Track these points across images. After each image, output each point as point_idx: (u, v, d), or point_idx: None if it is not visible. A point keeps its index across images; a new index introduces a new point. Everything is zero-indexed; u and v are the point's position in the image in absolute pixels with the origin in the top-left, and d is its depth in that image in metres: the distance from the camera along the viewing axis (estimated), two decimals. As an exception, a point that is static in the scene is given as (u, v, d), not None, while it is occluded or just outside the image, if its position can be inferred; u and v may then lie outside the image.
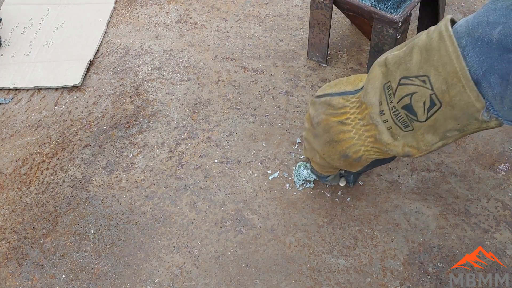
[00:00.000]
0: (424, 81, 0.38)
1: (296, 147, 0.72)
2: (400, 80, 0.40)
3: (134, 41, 0.92)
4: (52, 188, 0.71)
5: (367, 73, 0.49)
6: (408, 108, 0.40)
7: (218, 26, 0.93)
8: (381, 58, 0.42)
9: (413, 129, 0.41)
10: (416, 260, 0.59)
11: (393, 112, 0.42)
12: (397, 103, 0.41)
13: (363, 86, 0.46)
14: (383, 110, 0.43)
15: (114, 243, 0.65)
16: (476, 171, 0.67)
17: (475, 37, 0.34)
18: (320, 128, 0.50)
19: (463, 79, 0.35)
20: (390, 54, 0.41)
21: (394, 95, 0.41)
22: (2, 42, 0.93)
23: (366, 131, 0.46)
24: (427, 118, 0.39)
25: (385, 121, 0.43)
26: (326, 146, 0.50)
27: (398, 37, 0.66)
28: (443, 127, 0.39)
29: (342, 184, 0.65)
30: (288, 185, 0.68)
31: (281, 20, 0.92)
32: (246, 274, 0.60)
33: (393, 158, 0.52)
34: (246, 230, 0.64)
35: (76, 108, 0.82)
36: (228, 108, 0.79)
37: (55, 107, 0.83)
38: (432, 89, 0.37)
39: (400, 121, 0.42)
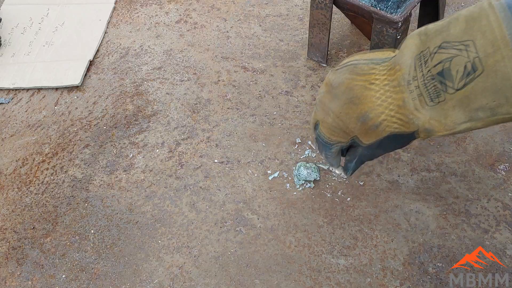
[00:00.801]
0: (467, 46, 0.37)
1: (296, 147, 0.72)
2: (441, 44, 0.39)
3: (134, 41, 0.92)
4: (52, 188, 0.71)
5: None
6: (445, 73, 0.38)
7: (218, 26, 0.93)
8: (421, 28, 0.42)
9: (444, 100, 0.39)
10: (416, 260, 0.59)
11: (425, 79, 0.40)
12: (434, 67, 0.39)
13: (394, 56, 0.45)
14: (415, 76, 0.41)
15: (114, 243, 0.65)
16: (476, 171, 0.67)
17: None
18: (341, 87, 0.47)
19: (511, 44, 0.35)
20: (431, 25, 0.41)
21: (431, 59, 0.39)
22: (2, 42, 0.93)
23: (394, 93, 0.43)
24: (464, 85, 0.38)
25: (416, 87, 0.41)
26: (345, 106, 0.47)
27: (398, 37, 0.66)
28: (477, 101, 0.38)
29: (338, 171, 0.61)
30: (288, 185, 0.68)
31: (281, 20, 0.92)
32: (246, 274, 0.60)
33: (409, 140, 0.48)
34: (246, 230, 0.64)
35: (76, 108, 0.82)
36: (228, 108, 0.79)
37: (55, 107, 0.83)
38: (476, 52, 0.36)
39: (431, 90, 0.40)
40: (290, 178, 0.68)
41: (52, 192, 0.71)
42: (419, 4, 0.71)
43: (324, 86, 0.50)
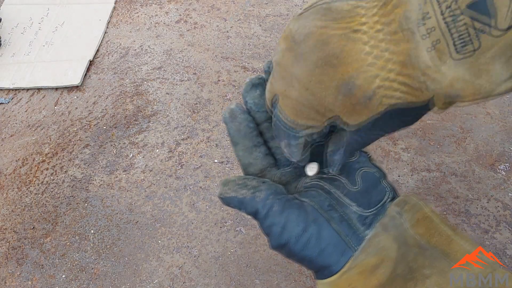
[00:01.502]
0: None
1: (296, 147, 0.72)
2: None
3: (134, 41, 0.92)
4: (52, 188, 0.71)
5: None
6: (480, 5, 0.24)
7: (218, 26, 0.93)
8: None
9: (479, 49, 0.25)
10: (416, 260, 0.59)
11: (447, 17, 0.25)
12: None
13: None
14: (428, 13, 0.26)
15: (114, 243, 0.65)
16: (476, 171, 0.67)
17: None
18: (309, 42, 0.30)
19: None
20: None
21: None
22: (2, 42, 0.93)
23: (392, 44, 0.27)
24: None
25: (431, 29, 0.26)
26: (317, 70, 0.30)
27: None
28: None
29: (310, 172, 0.35)
30: (288, 185, 0.68)
31: (281, 20, 0.92)
32: (246, 274, 0.60)
33: (420, 113, 0.31)
34: (246, 230, 0.64)
35: (76, 108, 0.82)
36: (228, 108, 0.79)
37: (55, 107, 0.83)
38: None
39: (456, 35, 0.25)
40: (290, 178, 0.68)
41: (52, 192, 0.71)
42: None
43: (283, 41, 0.32)
